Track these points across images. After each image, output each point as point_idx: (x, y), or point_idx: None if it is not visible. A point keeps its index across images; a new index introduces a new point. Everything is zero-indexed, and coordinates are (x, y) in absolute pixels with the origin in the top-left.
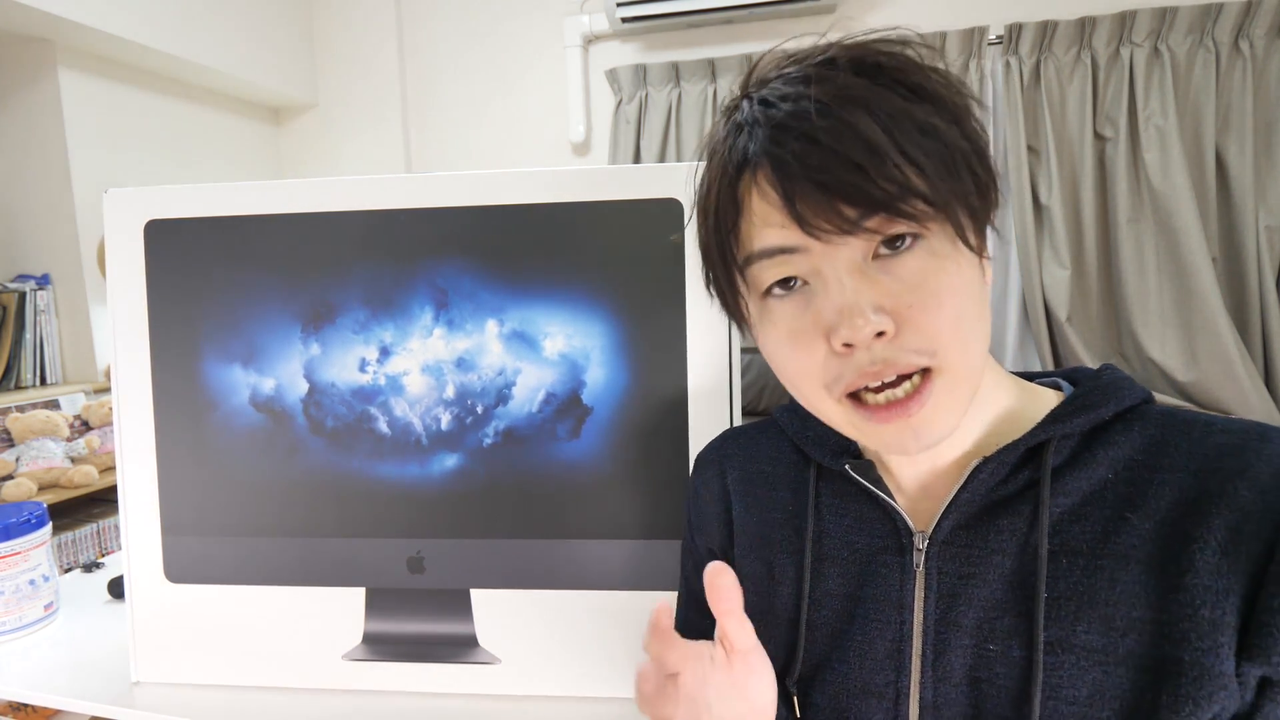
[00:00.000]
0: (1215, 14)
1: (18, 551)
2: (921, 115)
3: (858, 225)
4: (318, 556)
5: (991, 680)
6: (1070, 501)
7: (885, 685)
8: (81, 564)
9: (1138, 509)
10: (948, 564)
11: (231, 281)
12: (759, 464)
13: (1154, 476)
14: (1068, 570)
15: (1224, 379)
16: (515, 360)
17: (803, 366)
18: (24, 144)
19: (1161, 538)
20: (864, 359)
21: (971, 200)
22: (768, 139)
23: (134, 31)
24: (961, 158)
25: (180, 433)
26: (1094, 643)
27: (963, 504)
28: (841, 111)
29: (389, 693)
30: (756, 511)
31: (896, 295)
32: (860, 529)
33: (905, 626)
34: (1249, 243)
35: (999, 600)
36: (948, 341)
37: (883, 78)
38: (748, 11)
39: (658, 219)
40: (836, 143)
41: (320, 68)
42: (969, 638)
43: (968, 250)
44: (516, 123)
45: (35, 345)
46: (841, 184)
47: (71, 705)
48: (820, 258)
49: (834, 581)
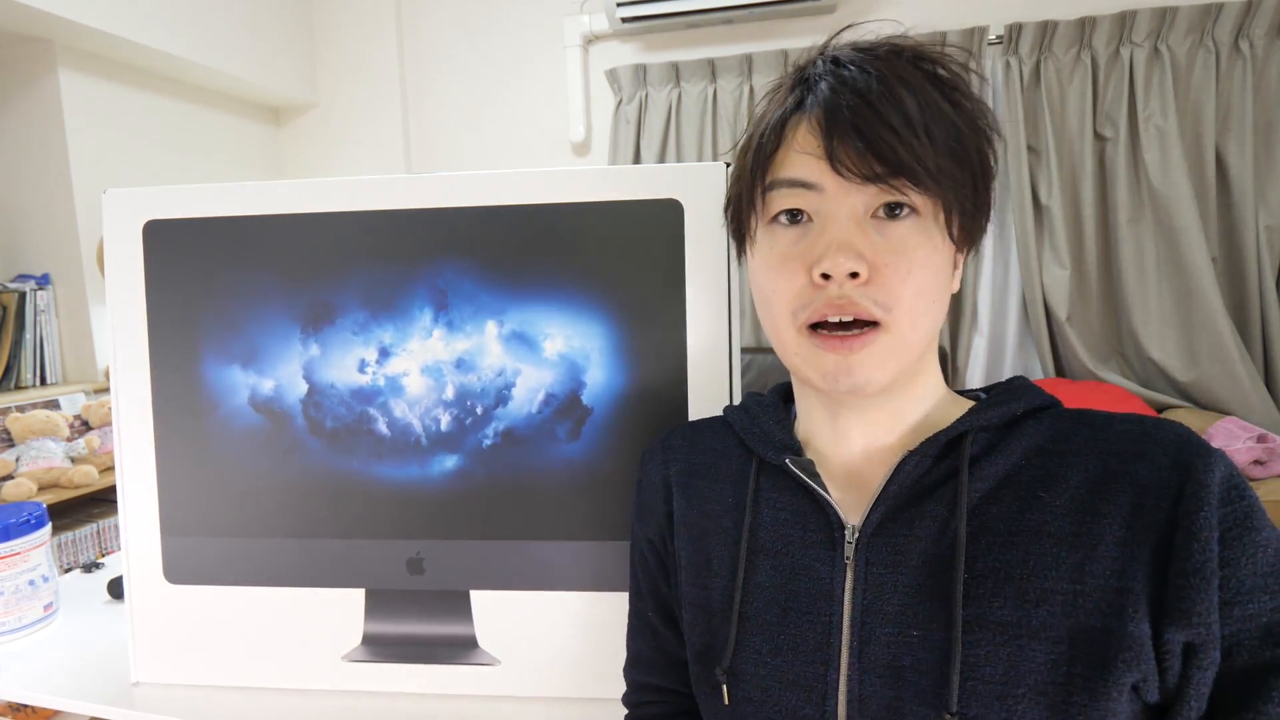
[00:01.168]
0: (1215, 14)
1: (17, 552)
2: (950, 112)
3: (877, 179)
4: (317, 557)
5: (915, 666)
6: (986, 486)
7: (814, 679)
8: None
9: (1049, 488)
10: (875, 554)
11: (231, 282)
12: (702, 456)
13: (1063, 461)
14: (986, 550)
15: (1224, 379)
16: (515, 361)
17: (780, 289)
18: (24, 144)
19: (1072, 513)
20: (834, 292)
21: (966, 197)
22: (829, 89)
23: (134, 31)
24: (970, 157)
25: (180, 433)
26: (1009, 617)
27: (890, 496)
28: (894, 86)
29: (389, 694)
30: (697, 503)
31: (878, 251)
32: (795, 523)
33: (834, 619)
34: (1249, 243)
35: (920, 585)
36: (904, 307)
37: (932, 74)
38: (748, 11)
39: (658, 219)
40: (884, 106)
41: (320, 68)
42: (892, 625)
43: (948, 240)
44: (516, 123)
45: (35, 345)
46: (878, 139)
47: (71, 706)
48: (831, 200)
49: (767, 574)
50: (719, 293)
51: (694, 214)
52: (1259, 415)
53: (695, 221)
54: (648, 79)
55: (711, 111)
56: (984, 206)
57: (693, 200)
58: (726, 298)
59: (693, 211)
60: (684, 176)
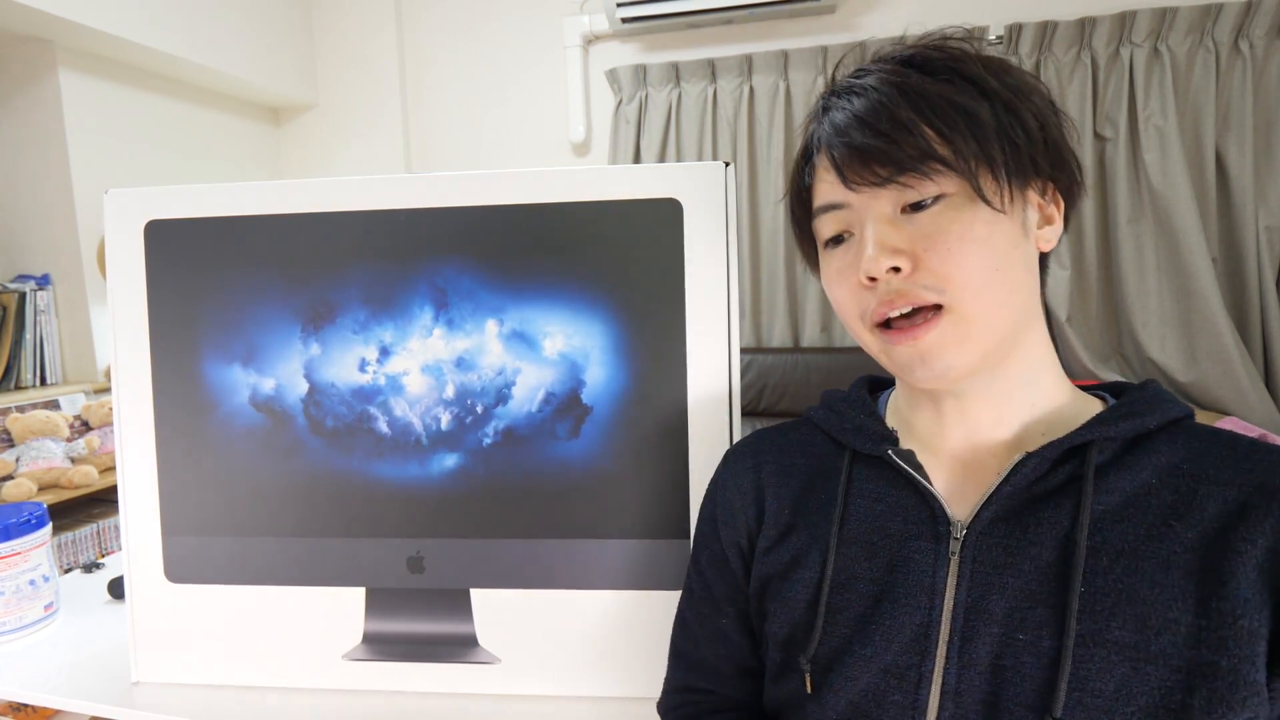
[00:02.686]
0: (1215, 14)
1: (18, 552)
2: (959, 97)
3: (887, 180)
4: (318, 556)
5: (1017, 669)
6: (1113, 500)
7: (908, 667)
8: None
9: (1182, 518)
10: (984, 553)
11: (231, 281)
12: (793, 457)
13: (1198, 487)
14: (1107, 568)
15: (1224, 379)
16: (515, 360)
17: (844, 300)
18: (24, 144)
19: (1204, 547)
20: (884, 290)
21: (998, 166)
22: (829, 122)
23: (134, 31)
24: (994, 132)
25: (180, 433)
26: (1127, 639)
27: (1004, 496)
28: (885, 95)
29: (389, 693)
30: (789, 502)
31: (914, 240)
32: (894, 515)
33: (935, 612)
34: (1249, 243)
35: (1032, 591)
36: (959, 284)
37: (934, 68)
38: (748, 11)
39: (658, 219)
40: (874, 118)
41: (320, 68)
42: (998, 626)
43: (998, 211)
44: (516, 123)
45: (35, 345)
46: (873, 148)
47: (71, 705)
48: (859, 211)
49: (860, 565)
50: (719, 292)
51: (694, 213)
52: (1259, 415)
53: (695, 221)
54: (648, 79)
55: (711, 111)
56: (1028, 159)
57: (693, 200)
58: (726, 297)
59: (693, 211)
60: (684, 176)
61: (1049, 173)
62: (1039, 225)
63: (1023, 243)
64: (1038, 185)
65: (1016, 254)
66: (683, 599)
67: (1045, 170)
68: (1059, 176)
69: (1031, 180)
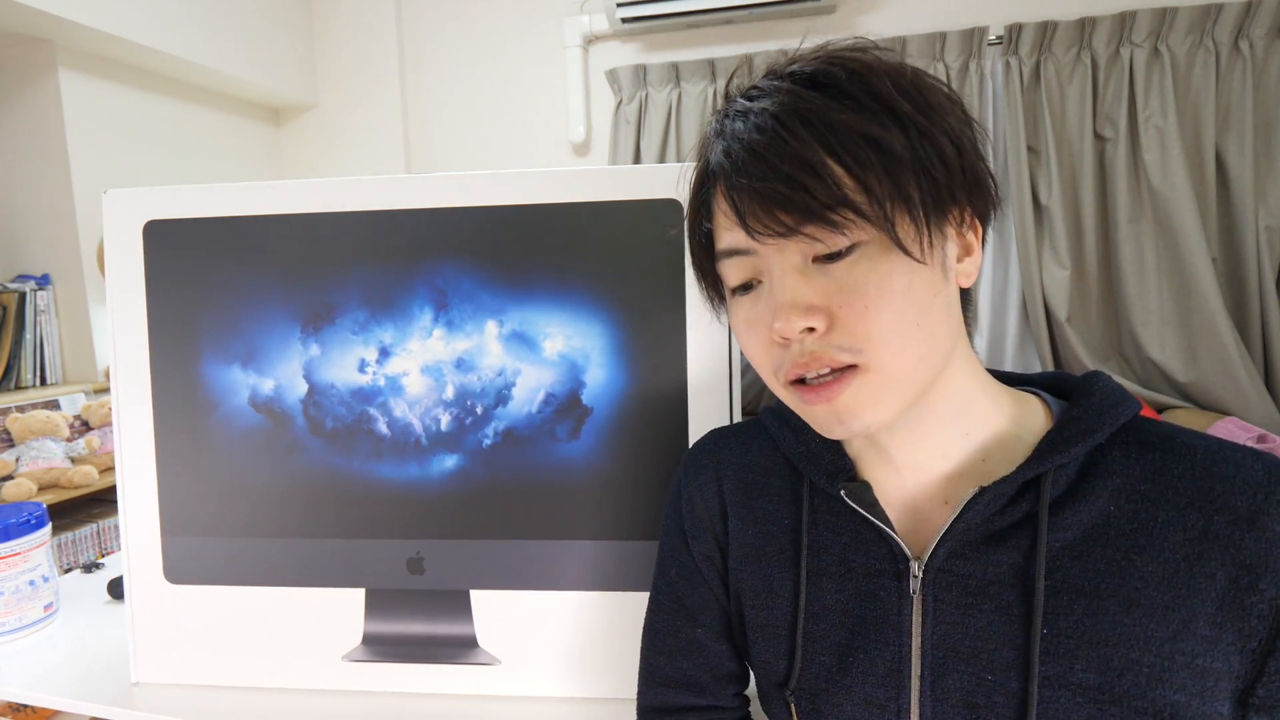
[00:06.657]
0: (1215, 14)
1: (17, 552)
2: (869, 127)
3: (794, 230)
4: (317, 557)
5: (990, 707)
6: (1070, 536)
7: (886, 700)
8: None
9: (1143, 550)
10: (944, 592)
11: (231, 282)
12: (753, 474)
13: (1158, 513)
14: (1068, 608)
15: (1224, 379)
16: (515, 361)
17: (756, 353)
18: (24, 144)
19: (1165, 581)
20: (796, 351)
21: (915, 206)
22: (722, 152)
23: (134, 31)
24: (910, 167)
25: (180, 433)
26: (1090, 681)
27: (958, 534)
28: (786, 126)
29: (389, 693)
30: (752, 523)
31: (829, 295)
32: (856, 549)
33: (904, 649)
34: (1249, 243)
35: (997, 632)
36: (877, 343)
37: (839, 90)
38: (748, 11)
39: (657, 219)
40: (775, 156)
41: (320, 68)
42: (966, 665)
43: (914, 258)
44: (516, 123)
45: (35, 345)
46: (776, 194)
47: (71, 706)
48: (766, 259)
49: (832, 596)
50: None
51: None
52: (1259, 415)
53: None
54: (648, 79)
55: (711, 112)
56: (947, 196)
57: None
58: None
59: None
60: (684, 176)
61: (966, 201)
62: (959, 258)
63: (944, 288)
64: (955, 215)
65: (938, 301)
66: (650, 613)
67: (963, 199)
68: (976, 202)
69: (950, 212)
